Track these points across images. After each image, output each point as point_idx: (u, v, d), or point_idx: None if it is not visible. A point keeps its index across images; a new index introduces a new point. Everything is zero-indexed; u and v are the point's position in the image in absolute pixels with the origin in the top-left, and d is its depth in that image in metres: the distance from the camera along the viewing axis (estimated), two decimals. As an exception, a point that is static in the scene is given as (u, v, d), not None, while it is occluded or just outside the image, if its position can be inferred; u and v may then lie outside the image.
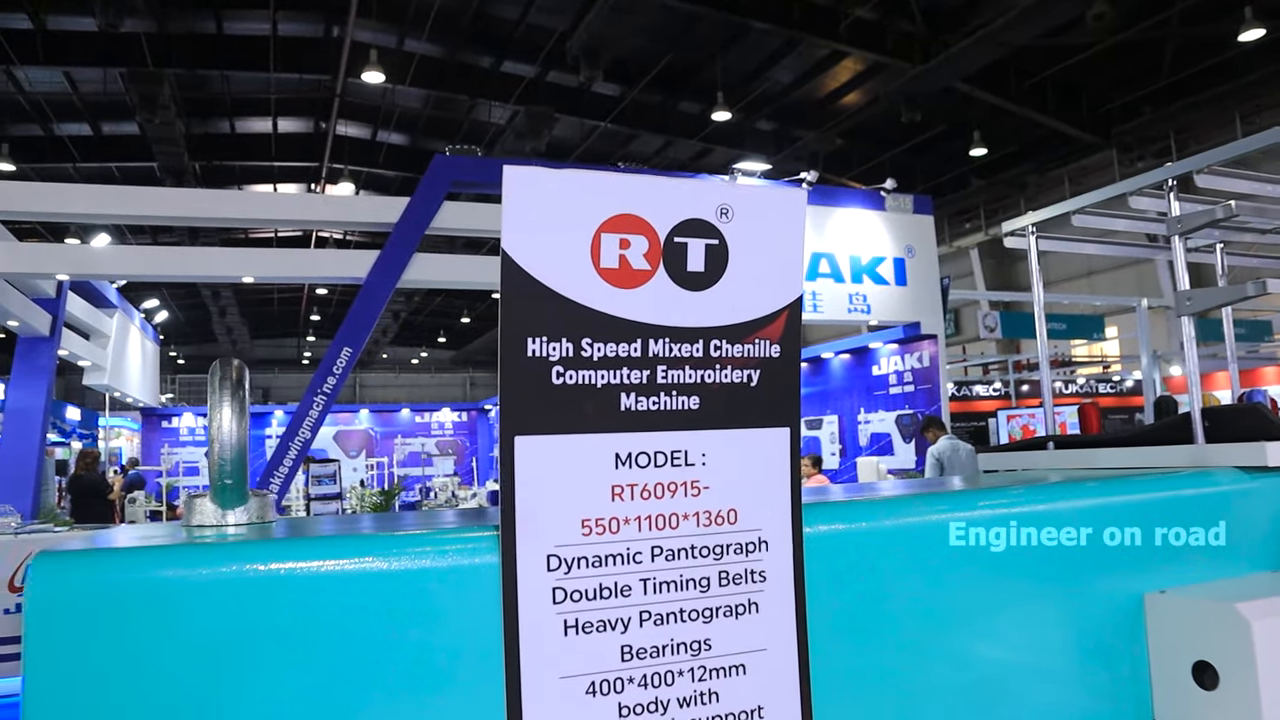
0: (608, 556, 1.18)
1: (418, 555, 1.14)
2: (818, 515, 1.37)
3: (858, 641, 1.37)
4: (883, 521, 1.42)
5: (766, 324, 1.28)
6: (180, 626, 1.04)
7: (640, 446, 1.21)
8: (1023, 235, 2.71)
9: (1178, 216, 2.17)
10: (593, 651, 1.17)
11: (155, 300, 21.74)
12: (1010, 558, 1.49)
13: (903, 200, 9.80)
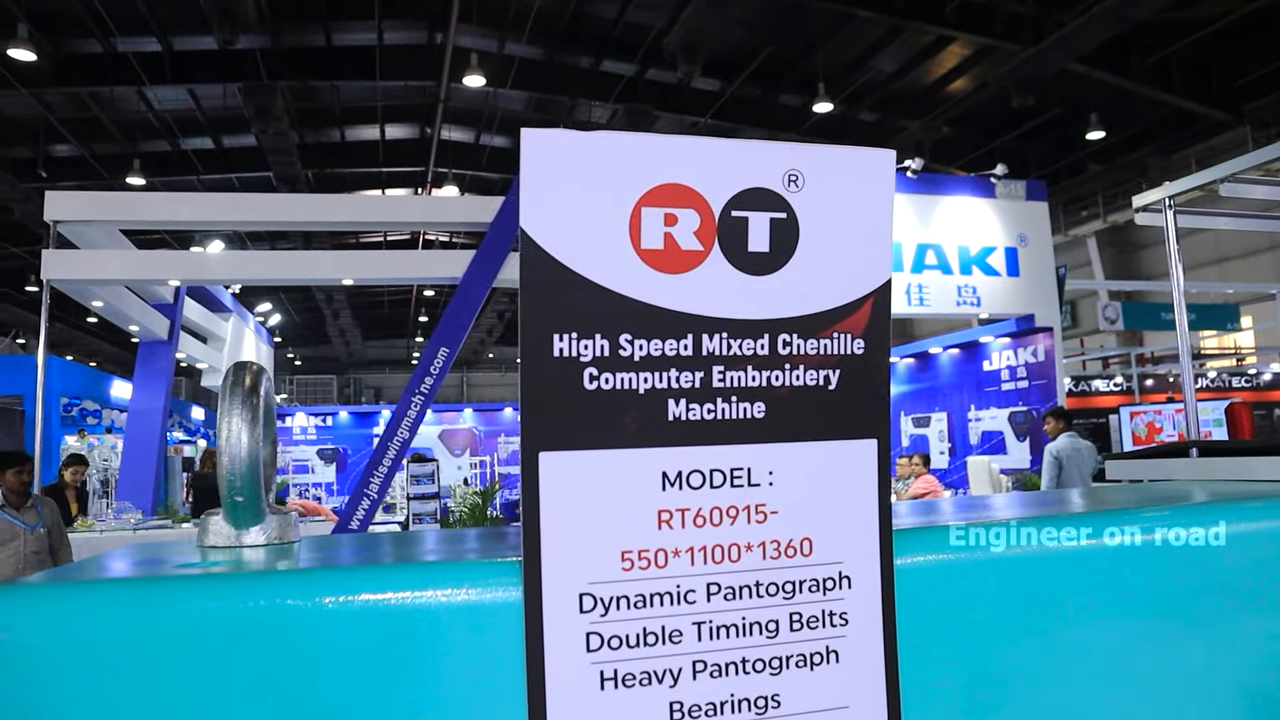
0: (654, 595, 0.99)
1: (422, 588, 0.97)
2: (917, 543, 1.14)
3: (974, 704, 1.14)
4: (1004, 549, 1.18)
5: (847, 314, 1.06)
6: (134, 663, 0.90)
7: (693, 464, 1.01)
8: (1157, 210, 2.39)
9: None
10: (636, 710, 0.98)
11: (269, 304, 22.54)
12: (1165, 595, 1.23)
13: (1014, 187, 9.26)
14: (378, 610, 0.95)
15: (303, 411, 19.68)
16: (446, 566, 1.01)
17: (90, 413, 14.05)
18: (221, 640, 0.91)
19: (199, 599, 0.95)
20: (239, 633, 0.92)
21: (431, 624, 0.96)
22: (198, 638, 0.91)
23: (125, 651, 0.90)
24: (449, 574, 0.99)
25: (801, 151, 1.04)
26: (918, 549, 1.14)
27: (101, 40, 14.50)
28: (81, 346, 28.23)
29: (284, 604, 0.94)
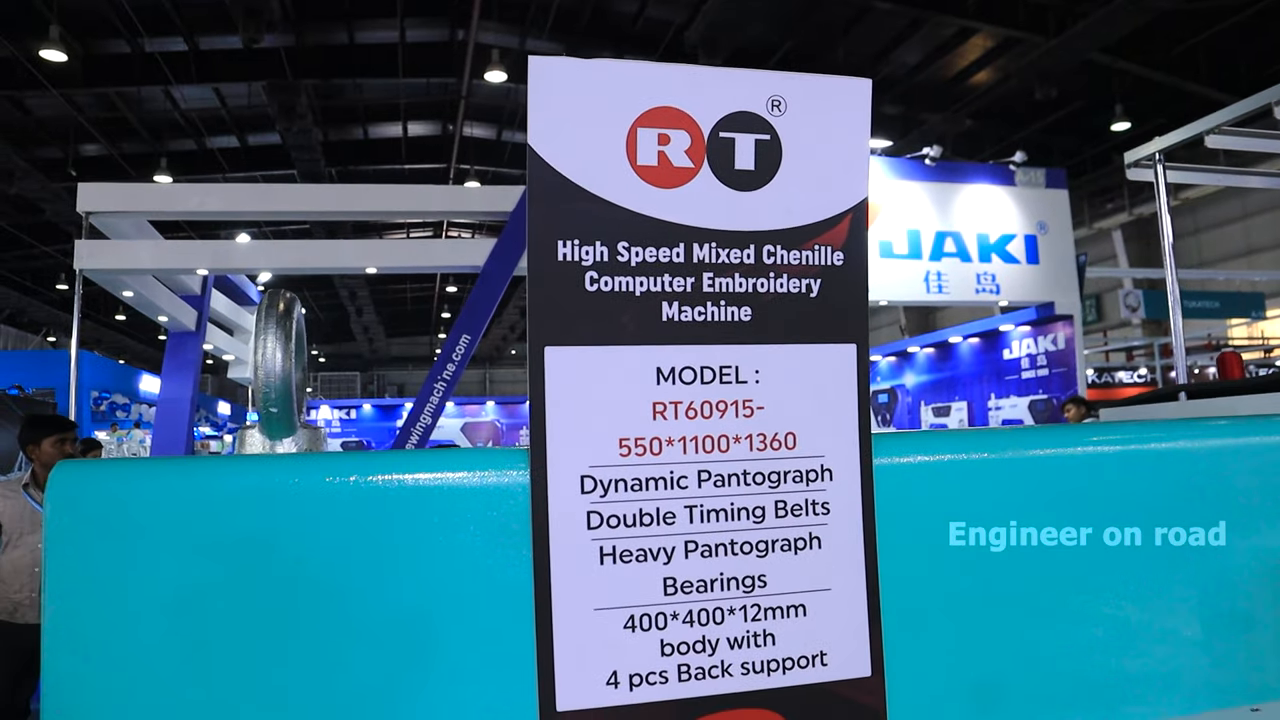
0: (649, 480, 1.08)
1: (441, 471, 1.07)
2: (896, 445, 1.23)
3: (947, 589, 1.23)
4: (976, 454, 1.26)
5: (828, 229, 1.15)
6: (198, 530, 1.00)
7: (685, 361, 1.11)
8: (1148, 165, 2.46)
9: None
10: (633, 582, 1.07)
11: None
12: (1120, 498, 1.31)
13: (1034, 174, 9.28)
14: (406, 489, 1.06)
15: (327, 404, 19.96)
16: (465, 453, 1.12)
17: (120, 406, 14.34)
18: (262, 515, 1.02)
19: (245, 475, 1.06)
20: (279, 508, 1.03)
21: (452, 502, 1.07)
22: (242, 510, 1.02)
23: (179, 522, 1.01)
24: (466, 459, 1.10)
25: (784, 79, 1.13)
26: (895, 451, 1.23)
27: (129, 40, 14.76)
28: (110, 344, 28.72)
29: (322, 482, 1.04)
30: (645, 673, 1.07)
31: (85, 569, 0.99)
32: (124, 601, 0.99)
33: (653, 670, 1.07)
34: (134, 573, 1.00)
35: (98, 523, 0.99)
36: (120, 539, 0.99)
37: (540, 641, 1.05)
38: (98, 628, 0.99)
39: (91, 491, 1.01)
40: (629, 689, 1.06)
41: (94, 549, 0.99)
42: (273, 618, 1.02)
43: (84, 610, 0.99)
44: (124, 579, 0.99)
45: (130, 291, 8.09)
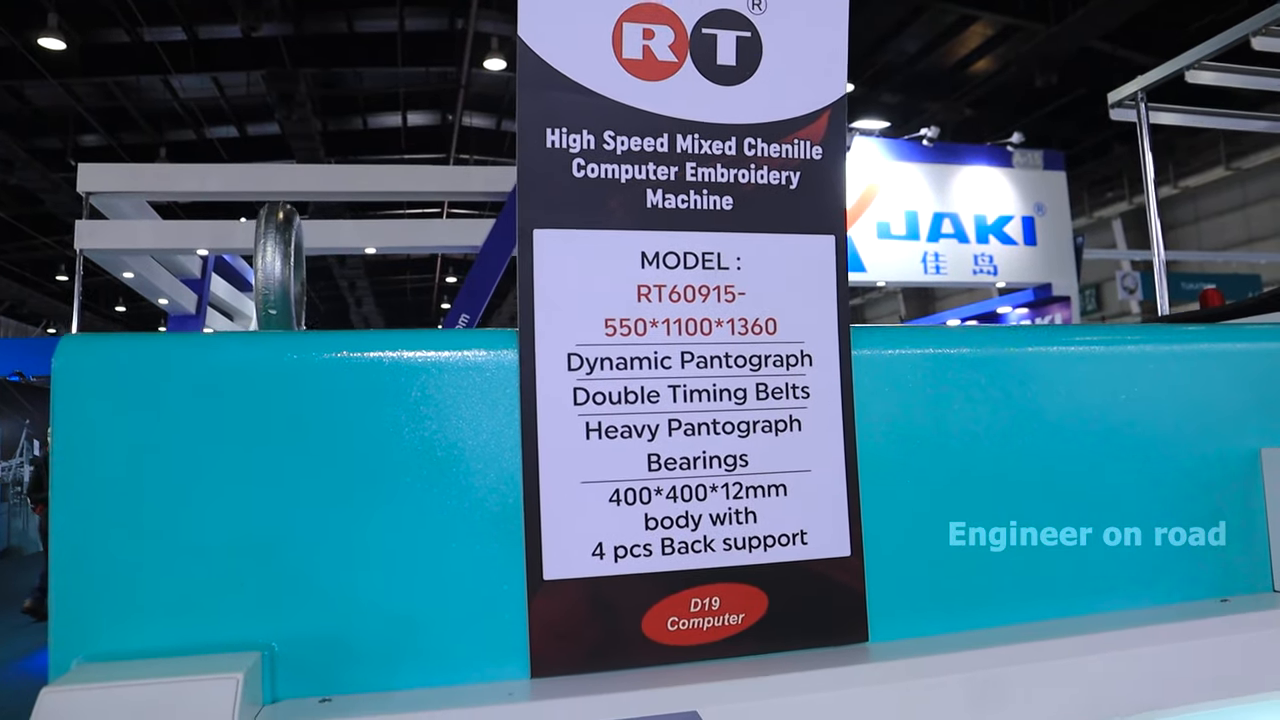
0: (634, 359, 1.12)
1: (435, 349, 1.11)
2: (874, 338, 1.27)
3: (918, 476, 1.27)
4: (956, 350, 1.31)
5: (807, 124, 1.19)
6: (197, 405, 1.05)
7: (669, 246, 1.15)
8: (1131, 106, 2.50)
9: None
10: (618, 458, 1.11)
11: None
12: (1097, 400, 1.35)
13: (1031, 156, 9.33)
14: (402, 365, 1.10)
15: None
16: (455, 333, 1.16)
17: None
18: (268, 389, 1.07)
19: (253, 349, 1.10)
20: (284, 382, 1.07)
21: (446, 378, 1.11)
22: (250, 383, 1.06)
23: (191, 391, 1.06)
24: (457, 339, 1.14)
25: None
26: (875, 344, 1.27)
27: (128, 30, 14.77)
28: (112, 336, 28.70)
29: (320, 358, 1.09)
30: (630, 545, 1.11)
31: (90, 437, 1.03)
32: (130, 470, 1.03)
33: (637, 543, 1.11)
34: (139, 441, 1.04)
35: (102, 392, 1.03)
36: (125, 408, 1.04)
37: (528, 513, 1.09)
38: (103, 496, 1.03)
39: (97, 361, 1.05)
40: (614, 560, 1.11)
41: (98, 417, 1.03)
42: (277, 488, 1.06)
43: (90, 480, 1.03)
44: (129, 447, 1.04)
45: (131, 273, 8.13)
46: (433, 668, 1.09)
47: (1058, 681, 1.17)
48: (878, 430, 1.24)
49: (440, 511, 1.09)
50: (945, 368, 1.29)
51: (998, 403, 1.31)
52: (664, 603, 1.12)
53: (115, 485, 1.03)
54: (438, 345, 1.12)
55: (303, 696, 1.06)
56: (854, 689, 1.09)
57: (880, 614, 1.21)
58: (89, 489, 1.03)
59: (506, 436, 1.11)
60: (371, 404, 1.09)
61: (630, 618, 1.10)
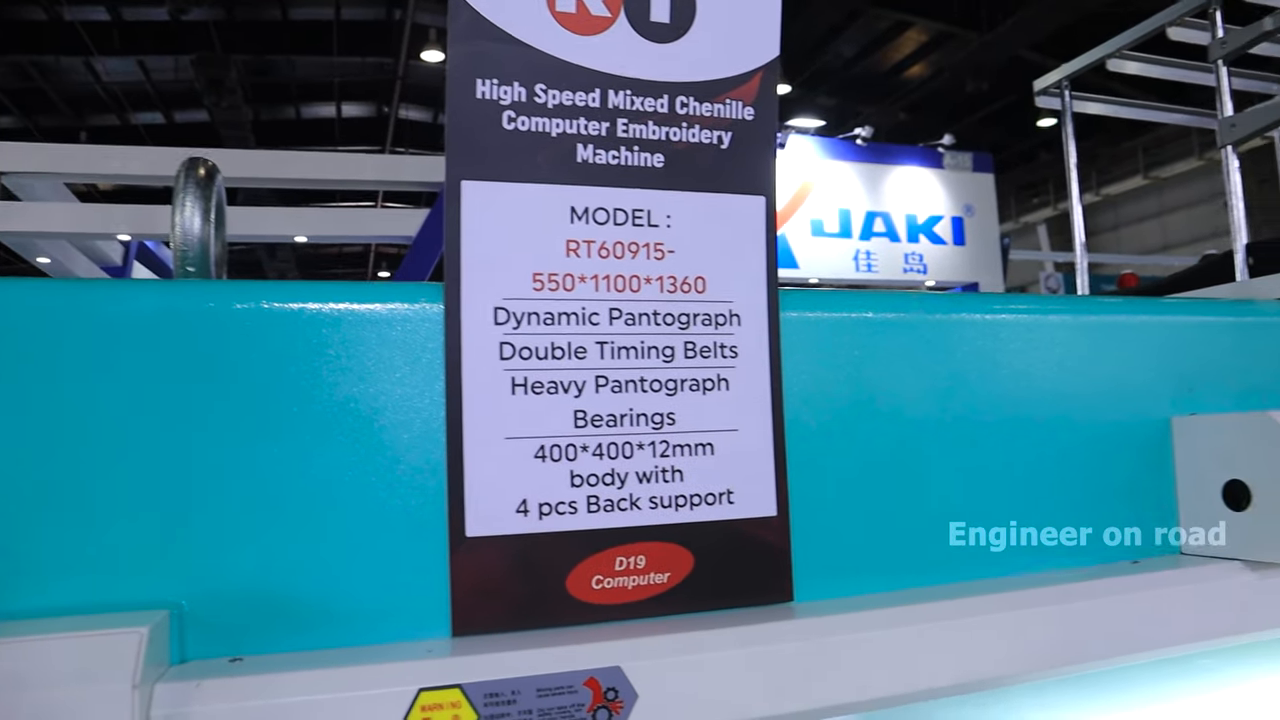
0: (561, 314, 1.11)
1: (357, 301, 1.08)
2: (802, 300, 1.28)
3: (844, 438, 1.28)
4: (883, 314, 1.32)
5: (739, 84, 1.19)
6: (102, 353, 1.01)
7: (599, 202, 1.14)
8: (1055, 94, 2.57)
9: (1222, 38, 2.03)
10: (543, 414, 1.10)
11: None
12: (1020, 366, 1.38)
13: (961, 158, 9.54)
14: (323, 316, 1.07)
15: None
16: (379, 286, 1.13)
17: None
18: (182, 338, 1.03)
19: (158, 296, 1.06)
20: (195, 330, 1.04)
21: (368, 330, 1.08)
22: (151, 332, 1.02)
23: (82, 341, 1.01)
24: (381, 292, 1.11)
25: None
26: (803, 306, 1.28)
27: (46, 7, 14.24)
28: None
29: (235, 307, 1.05)
30: (555, 502, 1.10)
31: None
32: (26, 421, 0.99)
33: (562, 500, 1.10)
34: (36, 391, 0.99)
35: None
36: (21, 355, 0.99)
37: (451, 468, 1.07)
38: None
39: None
40: (538, 517, 1.09)
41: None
42: (187, 441, 1.03)
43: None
44: (23, 397, 0.99)
45: (46, 259, 7.84)
46: (351, 627, 1.06)
47: (977, 639, 1.19)
48: (804, 392, 1.25)
49: (360, 466, 1.06)
50: (872, 331, 1.30)
51: (922, 367, 1.32)
52: (589, 561, 1.11)
53: (8, 437, 0.99)
54: (360, 297, 1.09)
55: (214, 657, 1.02)
56: (777, 644, 1.10)
57: (805, 574, 1.21)
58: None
59: (430, 390, 1.09)
60: (290, 355, 1.06)
61: (554, 576, 1.09)
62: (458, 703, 0.95)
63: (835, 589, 1.24)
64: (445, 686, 0.95)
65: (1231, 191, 2.04)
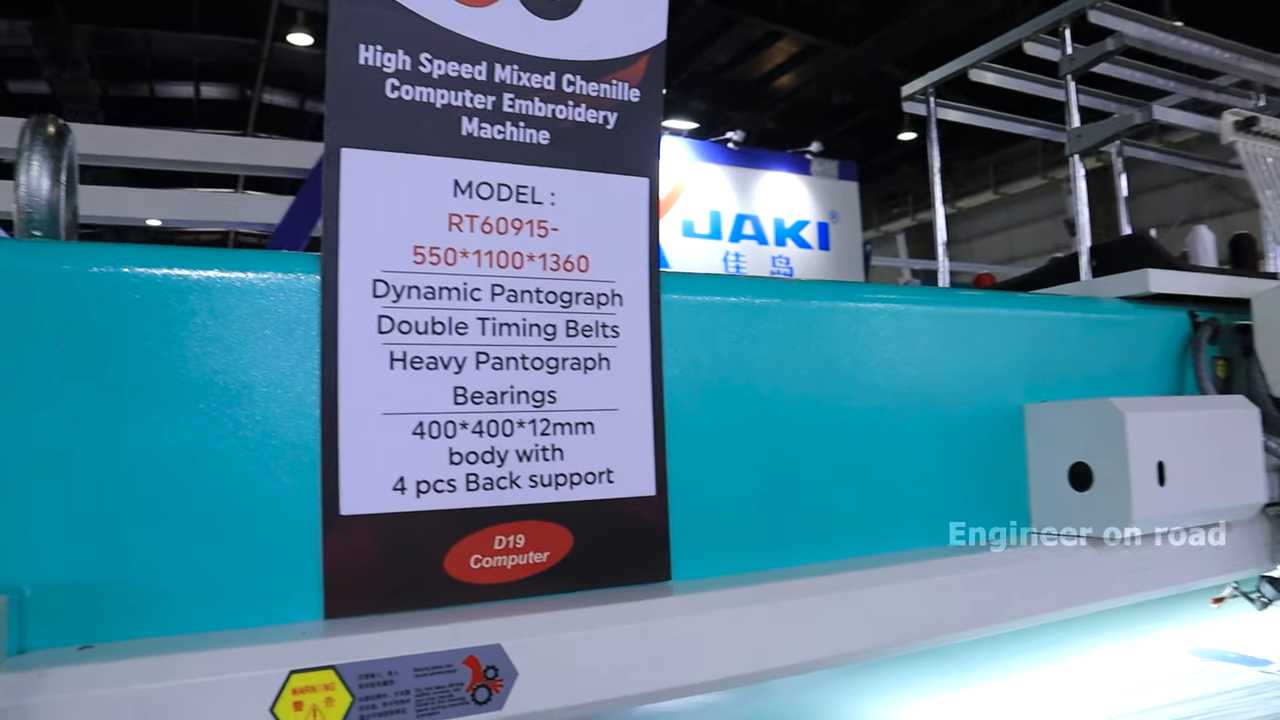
0: (442, 289, 1.09)
1: (227, 268, 1.03)
2: (683, 284, 1.30)
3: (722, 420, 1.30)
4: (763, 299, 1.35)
5: (625, 65, 1.20)
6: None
7: (483, 176, 1.12)
8: (922, 100, 2.70)
9: (1071, 55, 2.18)
10: (422, 389, 1.08)
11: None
12: (889, 354, 1.44)
13: (828, 165, 9.85)
14: (190, 284, 1.01)
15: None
16: (252, 253, 1.08)
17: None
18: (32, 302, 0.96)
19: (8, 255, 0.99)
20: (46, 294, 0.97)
21: (238, 300, 1.03)
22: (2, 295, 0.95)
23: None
24: (254, 260, 1.06)
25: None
26: (683, 289, 1.29)
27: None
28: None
29: (93, 270, 0.98)
30: (433, 480, 1.08)
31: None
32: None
33: (440, 478, 1.08)
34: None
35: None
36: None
37: (325, 444, 1.03)
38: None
39: None
40: (416, 495, 1.07)
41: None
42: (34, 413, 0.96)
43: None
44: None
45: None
46: (215, 611, 1.01)
47: (847, 614, 1.23)
48: (683, 374, 1.27)
49: (226, 442, 1.02)
50: (752, 316, 1.33)
51: (798, 352, 1.36)
52: (467, 540, 1.09)
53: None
54: (230, 264, 1.04)
55: (62, 645, 0.95)
56: (655, 621, 1.11)
57: (682, 553, 1.23)
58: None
59: (304, 363, 1.05)
60: (151, 323, 1.00)
61: (432, 555, 1.07)
62: (331, 684, 0.92)
63: (711, 568, 1.26)
64: (318, 668, 0.92)
65: (1078, 197, 2.20)
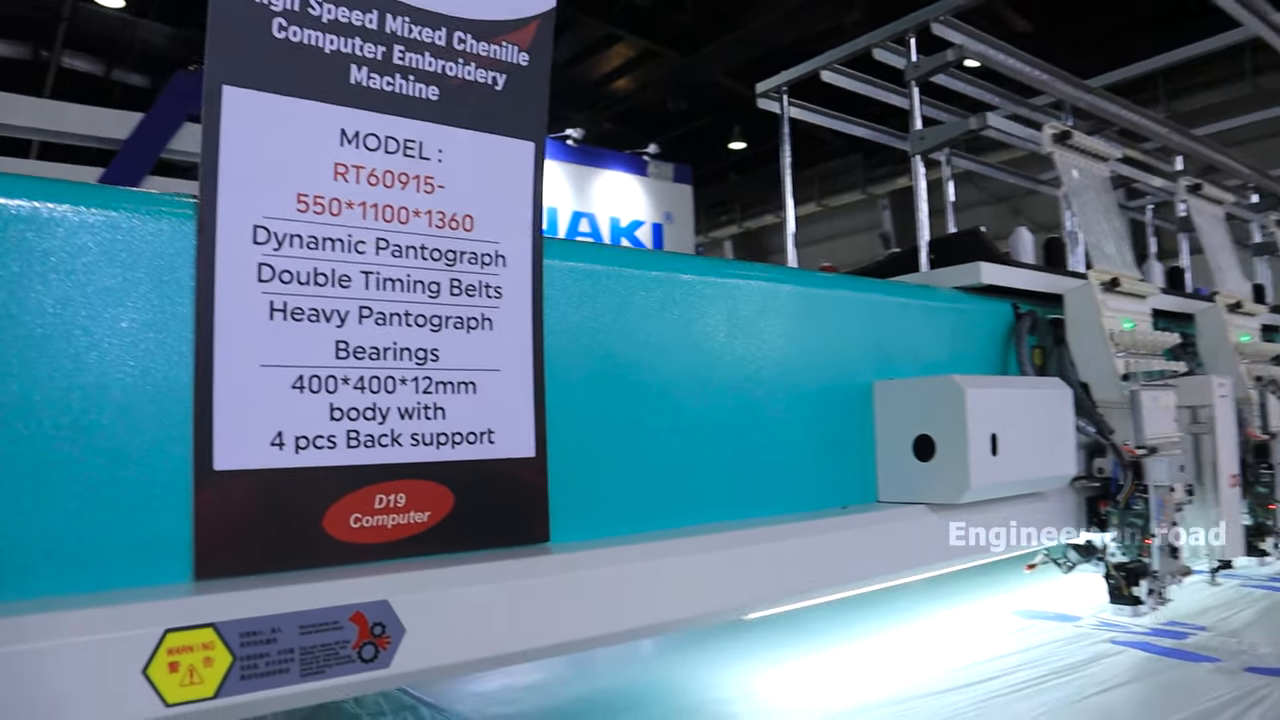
0: (326, 240, 1.06)
1: (89, 204, 0.96)
2: (565, 250, 1.31)
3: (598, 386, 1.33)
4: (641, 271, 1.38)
5: (516, 28, 1.20)
6: None
7: (370, 127, 1.10)
8: (775, 98, 2.83)
9: (915, 63, 2.35)
10: (303, 342, 1.04)
11: None
12: (757, 330, 1.51)
13: (664, 168, 10.09)
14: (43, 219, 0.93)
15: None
16: (119, 191, 1.00)
17: None
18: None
19: None
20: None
21: (100, 238, 0.96)
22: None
23: None
24: (121, 197, 0.99)
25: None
26: (565, 255, 1.31)
27: None
28: None
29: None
30: (313, 435, 1.04)
31: None
32: None
33: (321, 434, 1.05)
34: None
35: None
36: None
37: (199, 395, 0.98)
38: None
39: None
40: (295, 451, 1.03)
41: None
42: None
43: None
44: None
45: None
46: (73, 573, 0.94)
47: (714, 574, 1.29)
48: (564, 338, 1.28)
49: (84, 392, 0.94)
50: (630, 285, 1.36)
51: (672, 323, 1.41)
52: (348, 499, 1.06)
53: None
54: (93, 200, 0.97)
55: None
56: (541, 578, 1.12)
57: (560, 516, 1.24)
58: None
59: (177, 309, 0.99)
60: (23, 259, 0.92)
61: (310, 513, 1.04)
62: (210, 643, 0.88)
63: (587, 532, 1.28)
64: (195, 626, 0.88)
65: (918, 194, 2.36)
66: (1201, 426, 2.26)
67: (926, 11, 2.38)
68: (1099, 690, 1.58)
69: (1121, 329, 2.09)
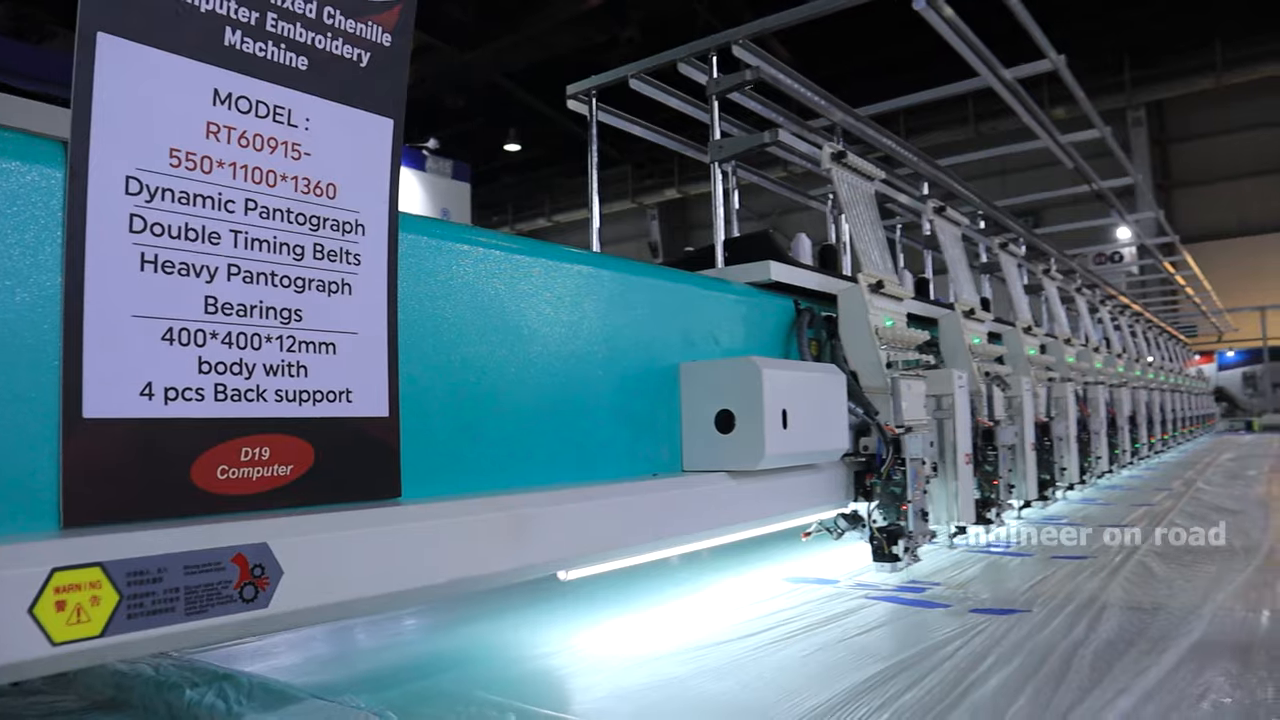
0: (197, 196, 1.08)
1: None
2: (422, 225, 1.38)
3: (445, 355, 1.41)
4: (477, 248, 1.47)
5: (381, 10, 1.27)
6: None
7: (242, 90, 1.13)
8: (585, 100, 2.97)
9: (716, 79, 2.57)
10: (174, 295, 1.06)
11: None
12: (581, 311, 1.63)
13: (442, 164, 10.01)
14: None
15: None
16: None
17: None
18: None
19: None
20: None
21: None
22: None
23: None
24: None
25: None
26: (419, 230, 1.38)
27: None
28: None
29: None
30: (181, 388, 1.06)
31: None
32: None
33: (189, 386, 1.07)
34: None
35: None
36: None
37: (67, 343, 0.98)
38: None
39: None
40: (164, 402, 1.05)
41: None
42: None
43: None
44: None
45: None
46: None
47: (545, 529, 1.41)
48: (417, 308, 1.35)
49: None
50: (473, 262, 1.45)
51: (508, 301, 1.51)
52: (215, 450, 1.09)
53: None
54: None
55: None
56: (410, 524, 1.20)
57: (409, 474, 1.31)
58: None
59: (45, 256, 0.98)
60: None
61: (179, 464, 1.05)
62: (97, 582, 0.89)
63: (433, 489, 1.36)
64: (83, 565, 0.89)
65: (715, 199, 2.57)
66: (944, 412, 2.64)
67: (727, 34, 2.62)
68: (858, 633, 1.84)
69: (884, 325, 2.40)
